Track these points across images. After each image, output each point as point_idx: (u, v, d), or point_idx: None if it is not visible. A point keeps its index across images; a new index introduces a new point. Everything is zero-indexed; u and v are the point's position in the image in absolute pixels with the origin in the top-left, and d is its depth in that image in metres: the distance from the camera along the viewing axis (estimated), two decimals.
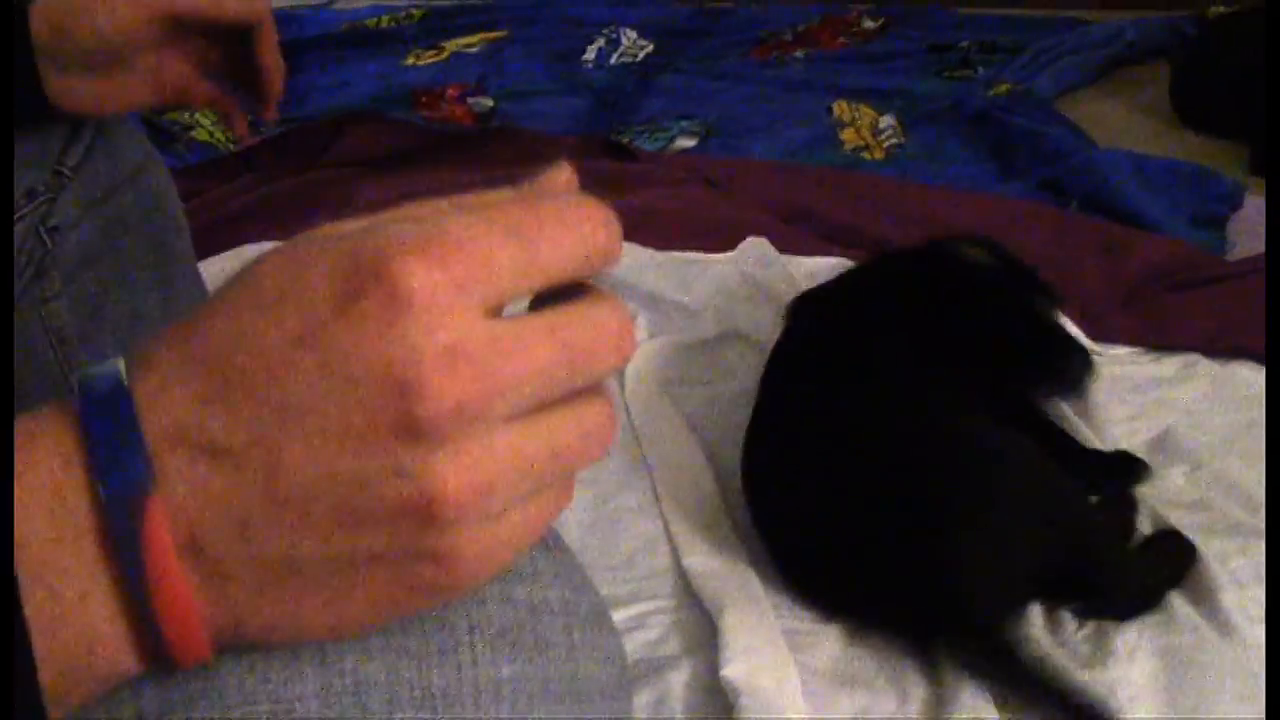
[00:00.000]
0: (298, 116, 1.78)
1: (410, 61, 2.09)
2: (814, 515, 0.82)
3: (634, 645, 0.81)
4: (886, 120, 1.71)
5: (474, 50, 2.12)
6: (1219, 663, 0.77)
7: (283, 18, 2.41)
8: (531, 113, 1.82)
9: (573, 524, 0.92)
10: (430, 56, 2.11)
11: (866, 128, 1.70)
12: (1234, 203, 1.35)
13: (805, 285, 1.20)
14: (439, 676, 0.40)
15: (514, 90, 1.93)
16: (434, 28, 2.23)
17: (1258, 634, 0.79)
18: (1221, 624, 0.79)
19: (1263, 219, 1.32)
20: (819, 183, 1.47)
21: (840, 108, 1.75)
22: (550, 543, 0.47)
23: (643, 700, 0.77)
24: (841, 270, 1.09)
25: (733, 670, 0.76)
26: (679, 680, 0.78)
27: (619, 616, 0.82)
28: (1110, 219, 1.31)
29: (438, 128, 1.77)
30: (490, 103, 1.89)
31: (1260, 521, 0.88)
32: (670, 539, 0.91)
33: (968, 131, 1.63)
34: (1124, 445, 0.97)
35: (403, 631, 0.40)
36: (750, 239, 1.27)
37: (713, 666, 0.78)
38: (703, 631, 0.82)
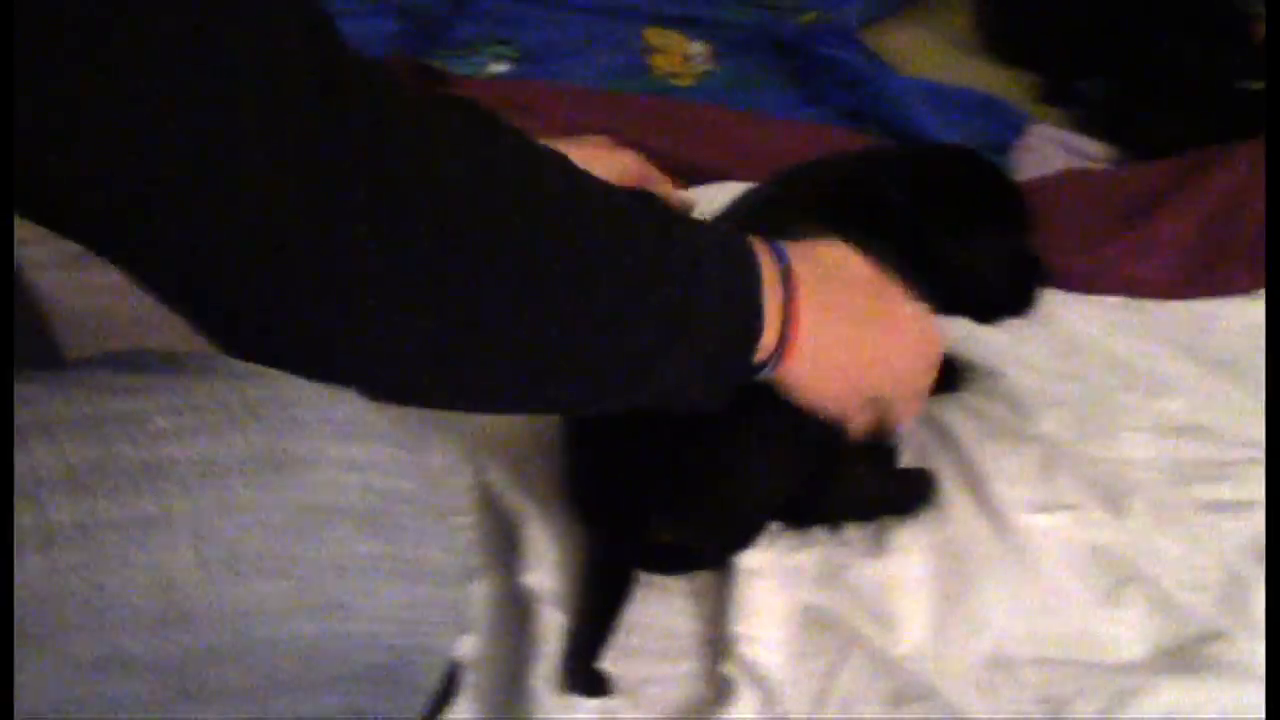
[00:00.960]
0: None
1: None
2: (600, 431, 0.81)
3: None
4: (697, 47, 1.73)
5: None
6: (988, 551, 0.83)
7: None
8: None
9: None
10: None
11: (677, 54, 1.71)
12: (1018, 129, 1.41)
13: None
14: (303, 549, 0.45)
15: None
16: None
17: (1024, 521, 0.85)
18: (992, 515, 0.85)
19: (1047, 144, 1.39)
20: (631, 109, 1.48)
21: (652, 34, 1.76)
22: (407, 444, 0.51)
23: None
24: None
25: (532, 578, 0.78)
26: (479, 592, 0.80)
27: None
28: (905, 144, 1.36)
29: None
30: None
31: (1028, 423, 0.95)
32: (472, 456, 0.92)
33: (775, 59, 1.67)
34: None
35: (271, 507, 0.44)
36: None
37: (511, 581, 0.81)
38: (502, 544, 0.84)
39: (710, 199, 1.16)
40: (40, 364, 0.48)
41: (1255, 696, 0.73)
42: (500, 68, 1.68)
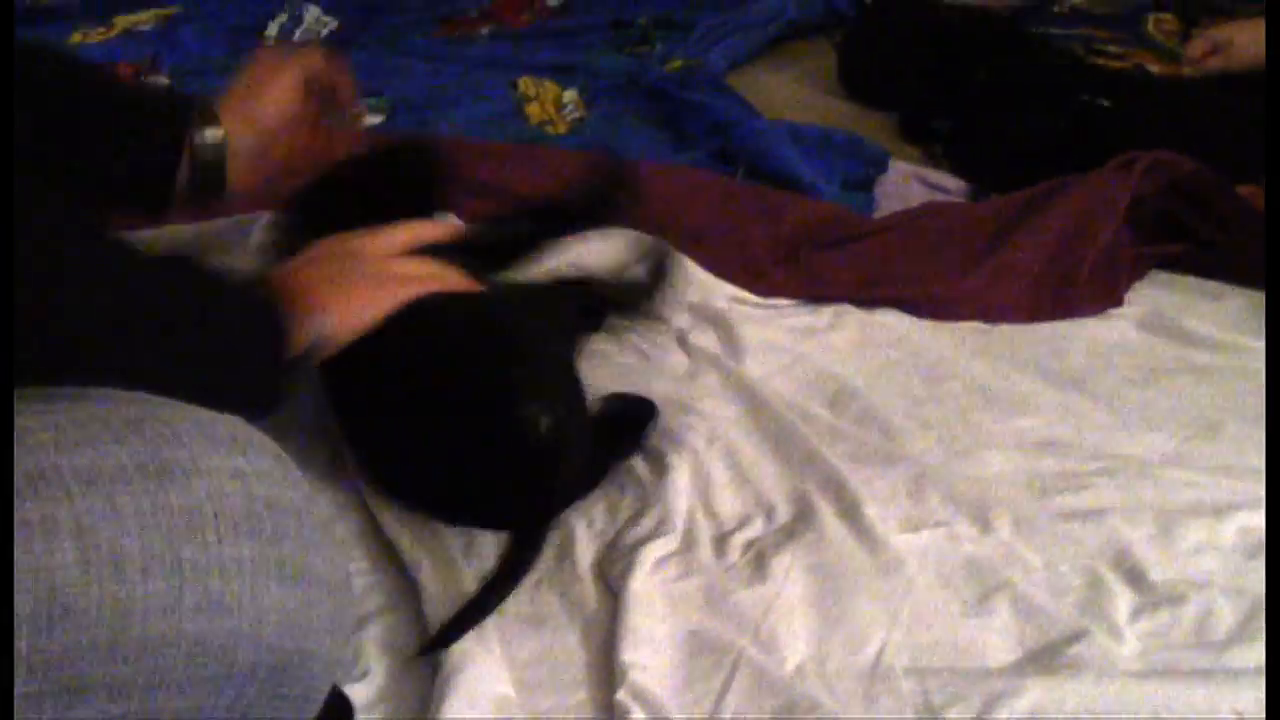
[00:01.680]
0: None
1: (78, 39, 1.98)
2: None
3: None
4: (569, 94, 1.77)
5: (146, 27, 2.03)
6: (861, 571, 0.87)
7: None
8: (210, 90, 1.76)
9: None
10: (100, 34, 2.00)
11: (550, 102, 1.75)
12: (880, 166, 1.48)
13: None
14: (187, 551, 0.48)
15: (190, 68, 1.86)
16: (101, 3, 2.12)
17: (897, 540, 0.89)
18: (865, 535, 0.90)
19: (902, 180, 1.46)
20: (504, 156, 1.51)
21: (525, 83, 1.80)
22: (283, 456, 0.55)
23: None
24: None
25: (428, 608, 0.80)
26: (374, 634, 0.81)
27: None
28: (772, 184, 1.41)
29: None
30: (166, 80, 1.83)
31: (897, 446, 1.00)
32: (366, 504, 0.93)
33: (646, 105, 1.71)
34: (782, 387, 1.06)
35: (154, 511, 0.47)
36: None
37: (410, 620, 0.82)
38: (399, 589, 0.85)
39: (593, 245, 1.19)
40: None
41: (1114, 690, 0.78)
42: (374, 119, 1.70)
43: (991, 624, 0.84)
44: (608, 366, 1.08)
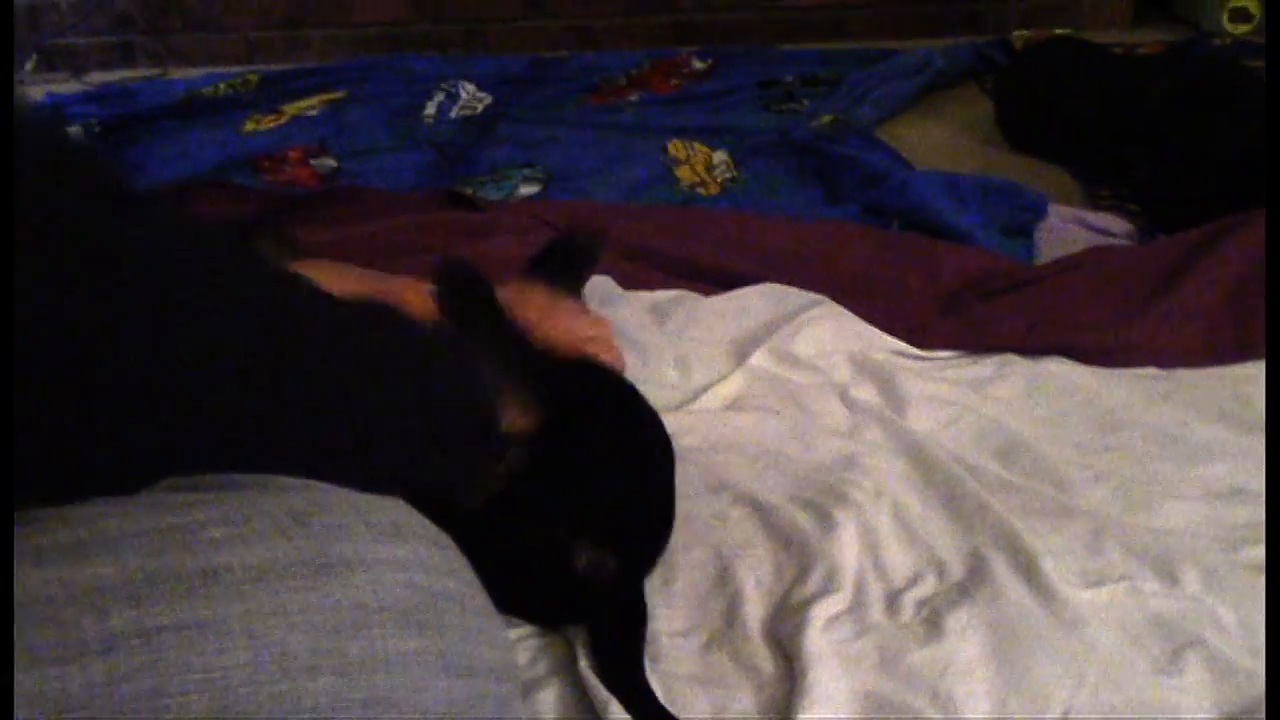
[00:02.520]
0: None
1: (250, 128, 2.10)
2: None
3: None
4: (720, 156, 1.79)
5: (314, 113, 2.14)
6: (1040, 629, 0.84)
7: (115, 92, 2.39)
8: (375, 170, 1.85)
9: None
10: (270, 121, 2.12)
11: (701, 165, 1.77)
12: (1039, 212, 1.45)
13: (648, 318, 1.25)
14: (352, 647, 0.48)
15: (356, 149, 1.95)
16: (272, 93, 2.24)
17: (1077, 596, 0.86)
18: (1043, 592, 0.86)
19: (1068, 224, 1.42)
20: (657, 220, 1.53)
21: (675, 147, 1.83)
22: (444, 543, 0.55)
23: None
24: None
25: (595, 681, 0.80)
26: (548, 698, 0.82)
27: None
28: (928, 235, 1.40)
29: (282, 191, 1.78)
30: (334, 163, 1.92)
31: (1072, 499, 0.96)
32: None
33: (796, 162, 1.72)
34: (948, 441, 1.04)
35: (320, 609, 0.47)
36: (595, 278, 1.32)
37: (579, 683, 0.82)
38: (567, 653, 0.86)
39: (747, 302, 1.19)
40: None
41: None
42: (530, 189, 1.74)
43: (1184, 684, 0.80)
44: (767, 422, 1.07)
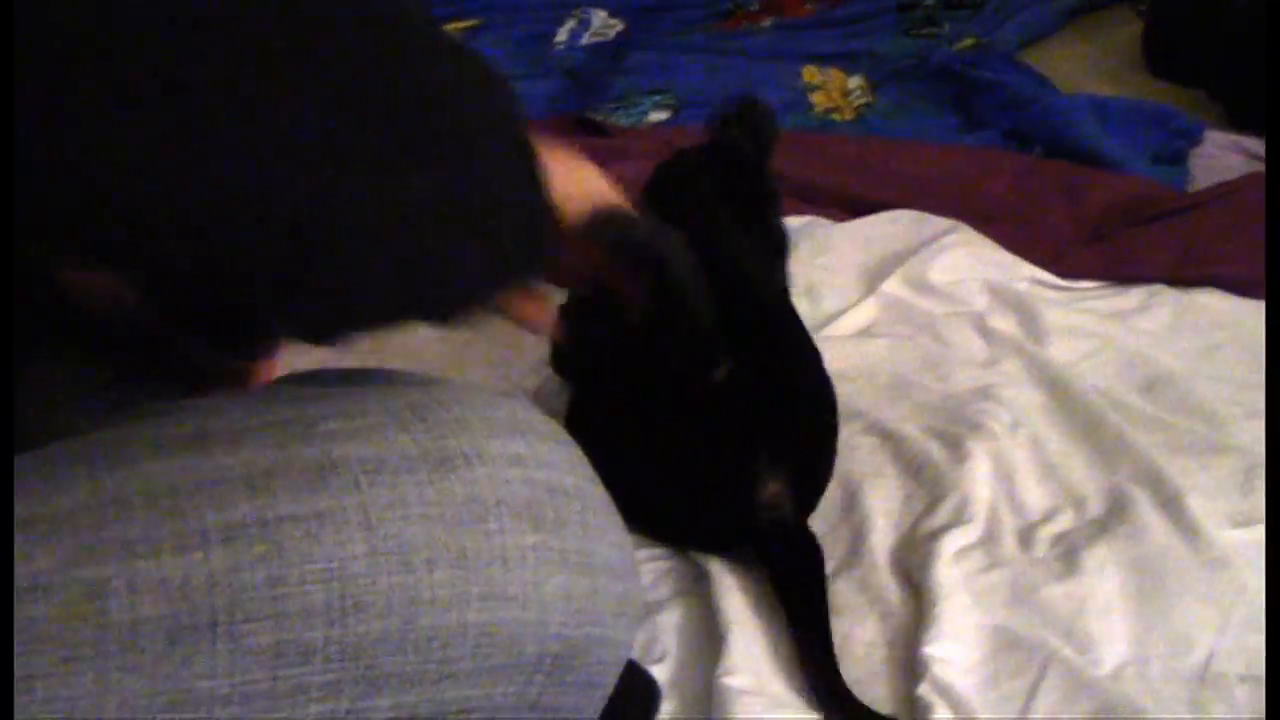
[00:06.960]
0: None
1: None
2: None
3: None
4: (855, 81, 1.74)
5: None
6: (1184, 568, 0.80)
7: None
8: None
9: None
10: None
11: (836, 90, 1.72)
12: (1193, 138, 1.38)
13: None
14: (470, 541, 0.47)
15: None
16: None
17: (1223, 537, 0.82)
18: (1188, 530, 0.83)
19: (1220, 152, 1.35)
20: (791, 146, 1.49)
21: (809, 72, 1.78)
22: (563, 439, 0.54)
23: (636, 640, 0.80)
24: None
25: (723, 603, 0.80)
26: (669, 621, 0.81)
27: None
28: (1073, 161, 1.34)
29: None
30: None
31: (1224, 436, 0.92)
32: None
33: (933, 87, 1.66)
34: (1089, 373, 1.00)
35: (438, 502, 0.47)
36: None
37: (703, 607, 0.82)
38: (691, 577, 0.85)
39: (880, 229, 1.16)
40: None
41: None
42: (660, 115, 1.72)
43: None
44: (900, 350, 1.05)
